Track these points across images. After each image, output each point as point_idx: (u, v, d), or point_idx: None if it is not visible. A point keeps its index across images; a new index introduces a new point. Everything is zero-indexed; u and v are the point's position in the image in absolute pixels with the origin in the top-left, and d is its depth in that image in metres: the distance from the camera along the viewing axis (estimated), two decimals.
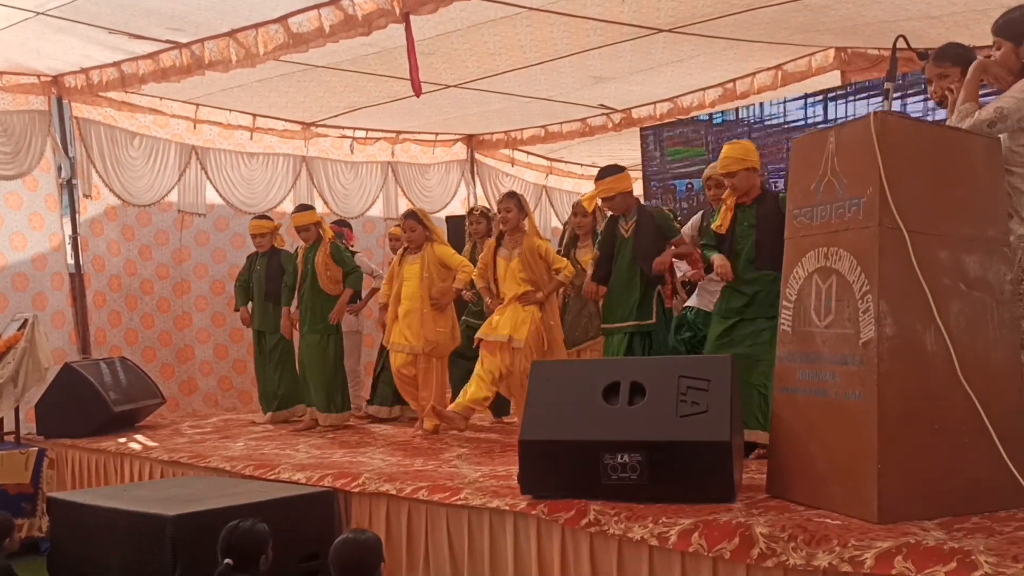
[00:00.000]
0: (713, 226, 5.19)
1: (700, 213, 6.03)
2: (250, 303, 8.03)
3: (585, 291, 6.10)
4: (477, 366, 6.36)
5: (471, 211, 8.05)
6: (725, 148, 5.15)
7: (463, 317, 7.37)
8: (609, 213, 6.12)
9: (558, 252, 6.68)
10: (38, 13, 6.68)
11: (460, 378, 7.15)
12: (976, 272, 3.60)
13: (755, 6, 6.92)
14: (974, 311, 3.58)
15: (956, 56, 4.06)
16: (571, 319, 6.72)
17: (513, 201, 6.42)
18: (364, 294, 8.24)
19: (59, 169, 8.56)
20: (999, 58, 3.79)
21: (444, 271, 6.83)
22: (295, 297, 7.52)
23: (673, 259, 5.82)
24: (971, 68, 3.83)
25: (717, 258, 5.12)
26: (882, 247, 3.46)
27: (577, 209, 6.80)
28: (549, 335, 6.33)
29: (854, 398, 3.53)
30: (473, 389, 6.23)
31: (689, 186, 9.71)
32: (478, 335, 6.44)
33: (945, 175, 3.62)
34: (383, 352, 7.86)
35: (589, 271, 6.16)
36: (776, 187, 8.12)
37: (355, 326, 8.55)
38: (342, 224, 9.01)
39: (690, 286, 6.38)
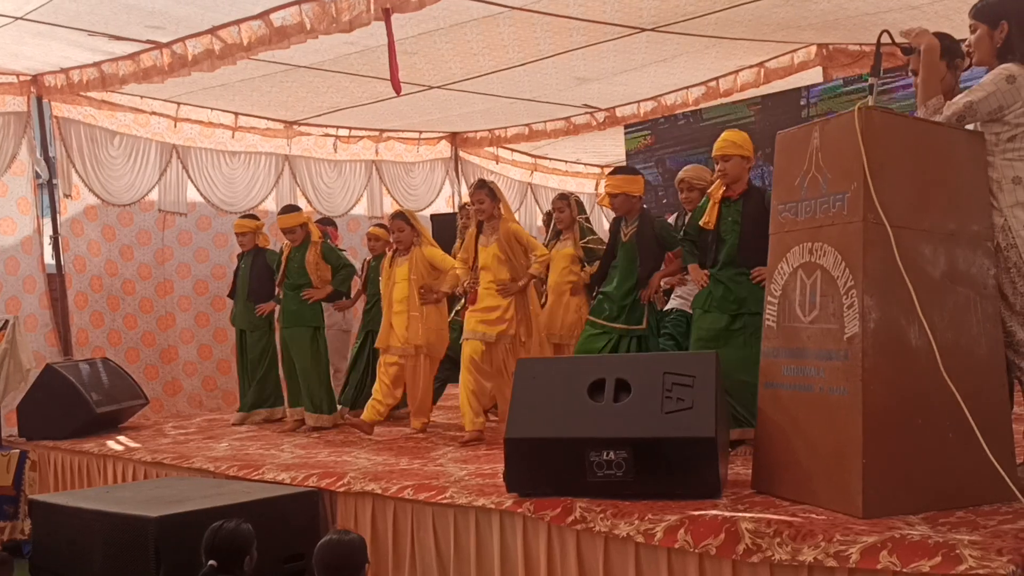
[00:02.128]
0: (700, 222, 5.17)
1: (674, 215, 6.03)
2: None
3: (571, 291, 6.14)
4: (463, 379, 6.32)
5: (463, 207, 8.00)
6: (724, 133, 5.14)
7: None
8: (591, 209, 6.13)
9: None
10: (16, 18, 6.63)
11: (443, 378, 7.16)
12: (960, 267, 3.61)
13: (737, 3, 6.93)
14: (958, 306, 3.59)
15: (943, 49, 4.07)
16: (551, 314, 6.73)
17: (484, 191, 6.37)
18: (353, 293, 8.22)
19: (36, 172, 8.47)
20: (973, 40, 3.81)
21: (433, 273, 6.76)
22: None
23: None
24: (924, 55, 3.79)
25: (692, 269, 5.16)
26: (866, 242, 3.46)
27: (555, 204, 6.80)
28: (527, 325, 6.33)
29: (839, 393, 3.54)
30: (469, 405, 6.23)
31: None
32: (464, 336, 6.40)
33: (929, 170, 3.63)
34: (360, 353, 7.83)
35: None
36: None
37: (343, 325, 8.53)
38: (326, 223, 8.98)
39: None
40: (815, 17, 7.41)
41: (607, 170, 6.11)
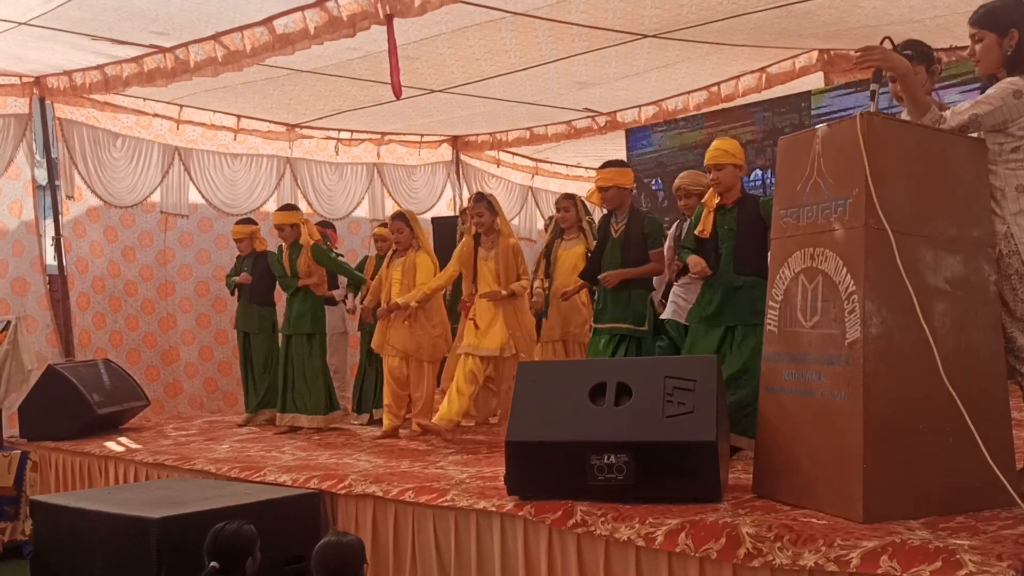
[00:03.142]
0: (696, 231, 5.18)
1: (676, 223, 6.04)
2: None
3: (563, 295, 6.27)
4: (457, 376, 6.37)
5: (464, 211, 8.01)
6: (715, 142, 5.14)
7: None
8: (593, 209, 6.17)
9: (545, 248, 6.77)
10: (20, 23, 6.65)
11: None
12: (960, 273, 3.62)
13: (739, 13, 6.95)
14: (958, 311, 3.60)
15: (921, 54, 4.07)
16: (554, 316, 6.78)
17: (483, 204, 6.43)
18: (345, 293, 8.24)
19: (32, 175, 8.47)
20: (980, 50, 3.77)
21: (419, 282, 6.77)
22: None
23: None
24: (903, 81, 3.73)
25: (692, 258, 5.12)
26: (868, 248, 3.48)
27: (559, 204, 6.82)
28: (523, 336, 6.37)
29: (840, 398, 3.55)
30: (456, 404, 6.27)
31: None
32: (462, 350, 6.44)
33: (930, 176, 3.64)
34: (363, 356, 7.84)
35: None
36: None
37: (341, 327, 8.54)
38: (326, 225, 8.99)
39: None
40: (816, 28, 7.43)
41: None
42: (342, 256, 8.38)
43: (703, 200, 5.27)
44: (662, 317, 5.98)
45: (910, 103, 3.77)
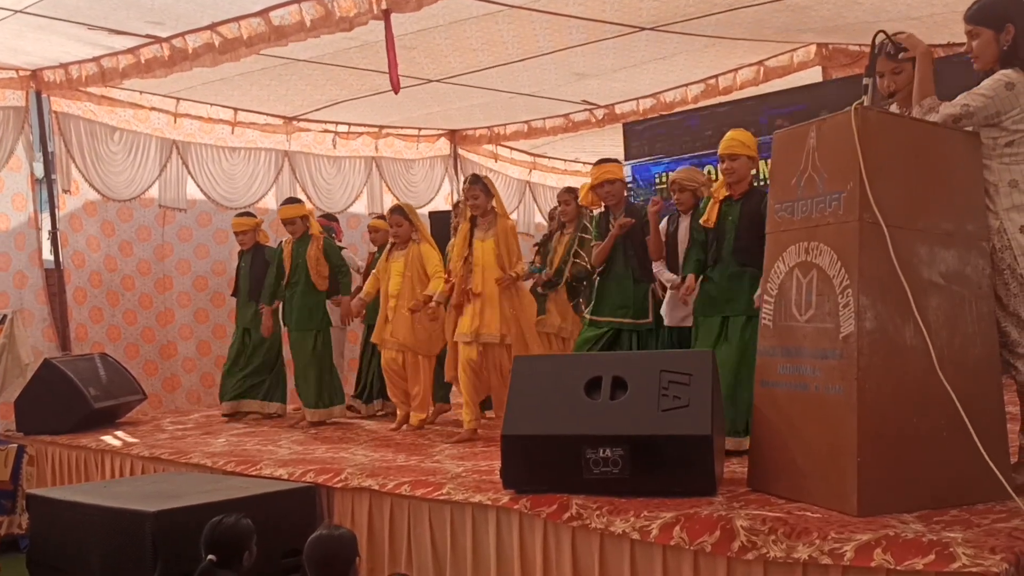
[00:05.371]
0: (701, 220, 5.18)
1: (666, 218, 6.03)
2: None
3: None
4: (461, 377, 6.37)
5: (456, 204, 8.02)
6: (730, 132, 5.11)
7: None
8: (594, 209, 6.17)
9: (543, 239, 6.77)
10: (16, 11, 6.64)
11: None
12: (955, 267, 3.62)
13: (737, 6, 6.96)
14: (953, 306, 3.60)
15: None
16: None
17: (479, 187, 6.36)
18: (353, 287, 8.22)
19: (31, 167, 8.46)
20: (977, 45, 3.75)
21: (424, 272, 6.74)
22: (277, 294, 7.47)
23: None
24: (922, 59, 3.78)
25: (690, 278, 5.14)
26: (862, 242, 3.48)
27: (560, 197, 6.82)
28: (524, 325, 6.34)
29: (834, 392, 3.55)
30: (471, 411, 6.27)
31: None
32: (456, 337, 6.42)
33: (925, 170, 3.64)
34: (367, 347, 7.85)
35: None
36: None
37: (340, 322, 8.52)
38: (330, 218, 8.98)
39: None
40: (814, 23, 7.44)
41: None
42: (344, 248, 8.37)
43: (711, 191, 5.27)
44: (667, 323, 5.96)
45: (917, 84, 3.77)
